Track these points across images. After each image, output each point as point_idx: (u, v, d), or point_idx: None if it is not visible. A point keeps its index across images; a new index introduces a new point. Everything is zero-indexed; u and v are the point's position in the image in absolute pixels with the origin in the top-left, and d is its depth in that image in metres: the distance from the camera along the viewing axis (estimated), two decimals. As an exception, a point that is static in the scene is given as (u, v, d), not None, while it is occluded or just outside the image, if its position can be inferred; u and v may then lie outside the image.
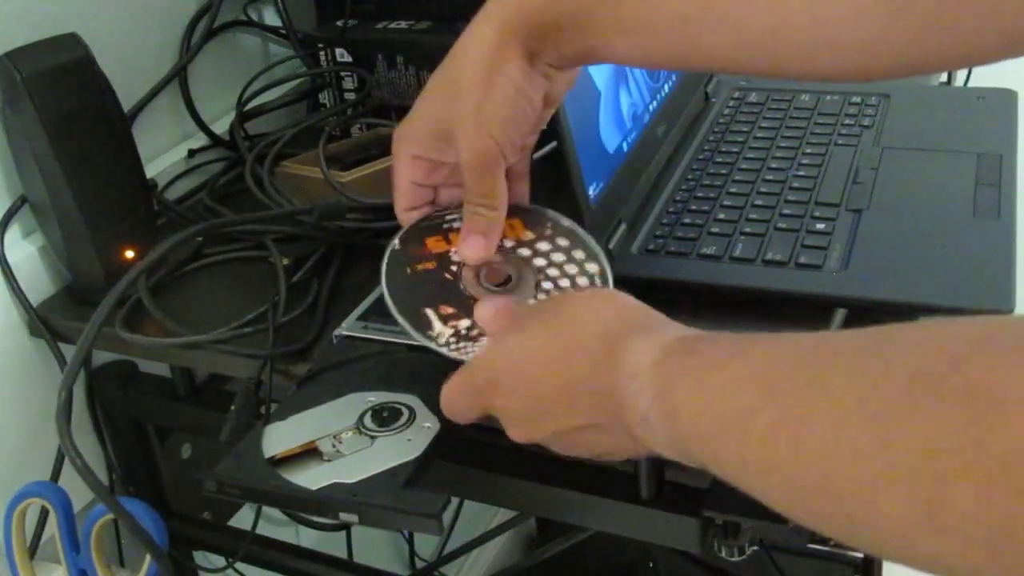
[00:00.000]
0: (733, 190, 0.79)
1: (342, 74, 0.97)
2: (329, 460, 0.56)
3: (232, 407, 0.70)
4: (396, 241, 0.62)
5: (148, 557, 0.72)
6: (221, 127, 0.96)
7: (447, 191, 0.65)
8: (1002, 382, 0.32)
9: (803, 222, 0.74)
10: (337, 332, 0.68)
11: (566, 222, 0.62)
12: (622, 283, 0.70)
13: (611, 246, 0.71)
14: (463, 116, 0.59)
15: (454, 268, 0.60)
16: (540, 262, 0.60)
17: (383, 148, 0.87)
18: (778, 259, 0.70)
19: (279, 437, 0.58)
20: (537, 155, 0.78)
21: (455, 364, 0.55)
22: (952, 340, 0.35)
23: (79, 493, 0.73)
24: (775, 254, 0.70)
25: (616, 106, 0.78)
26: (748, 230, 0.73)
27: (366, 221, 0.79)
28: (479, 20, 0.61)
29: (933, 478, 0.33)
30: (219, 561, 0.92)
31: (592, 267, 0.60)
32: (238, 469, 0.56)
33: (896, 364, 0.36)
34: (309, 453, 0.56)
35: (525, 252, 0.60)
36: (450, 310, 0.58)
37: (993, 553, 0.32)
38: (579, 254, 0.60)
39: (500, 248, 0.60)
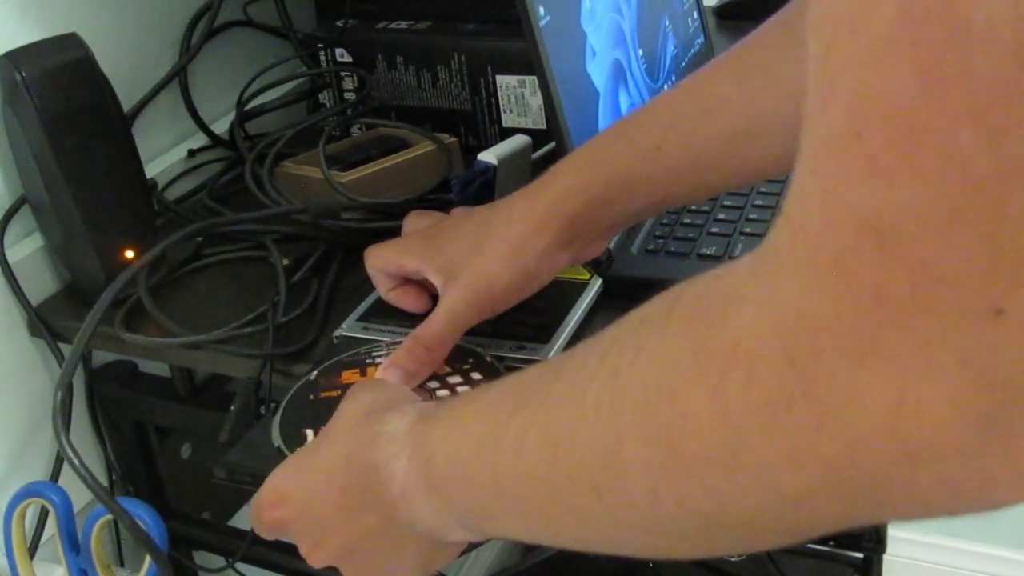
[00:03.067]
0: (733, 190, 0.79)
1: (342, 74, 0.97)
2: None
3: (232, 407, 0.70)
4: (313, 374, 0.63)
5: (148, 557, 0.72)
6: (221, 127, 0.96)
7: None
8: (719, 289, 0.32)
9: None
10: (337, 333, 0.68)
11: (489, 358, 0.62)
12: (622, 283, 0.70)
13: (611, 246, 0.71)
14: (473, 276, 0.61)
15: None
16: (443, 392, 0.60)
17: (383, 148, 0.87)
18: (778, 259, 0.69)
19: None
20: (536, 155, 0.78)
21: None
22: (674, 288, 0.35)
23: (79, 493, 0.73)
24: (775, 254, 0.70)
25: (615, 106, 0.78)
26: (748, 230, 0.73)
27: (366, 221, 0.79)
28: (526, 193, 0.62)
29: (665, 400, 0.33)
30: (219, 561, 0.92)
31: None
32: (249, 456, 0.58)
33: (626, 322, 0.37)
34: None
35: (433, 384, 0.61)
36: None
37: (731, 471, 0.31)
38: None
39: None
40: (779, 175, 0.61)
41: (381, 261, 0.67)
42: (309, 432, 0.58)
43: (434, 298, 0.67)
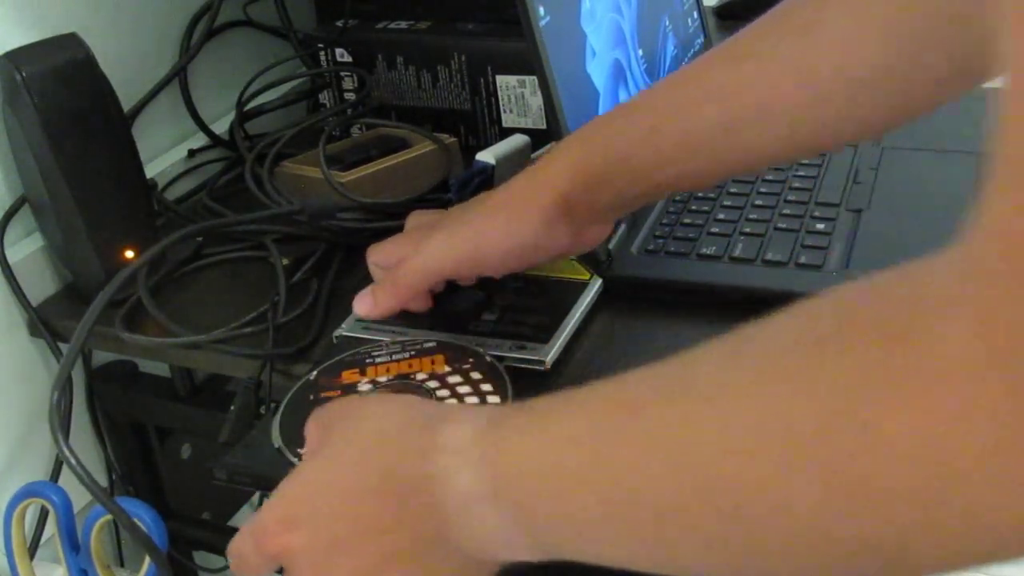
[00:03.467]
0: (733, 190, 0.79)
1: (342, 74, 0.97)
2: None
3: (232, 407, 0.70)
4: (313, 374, 0.63)
5: (148, 557, 0.72)
6: (221, 127, 0.96)
7: None
8: (915, 308, 0.29)
9: (803, 222, 0.74)
10: (337, 333, 0.68)
11: (489, 358, 0.62)
12: (622, 283, 0.70)
13: (611, 246, 0.71)
14: (466, 227, 0.62)
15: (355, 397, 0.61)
16: (443, 392, 0.60)
17: (383, 148, 0.87)
18: (778, 259, 0.70)
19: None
20: (536, 154, 0.78)
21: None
22: (827, 303, 0.32)
23: (79, 493, 0.73)
24: (775, 254, 0.70)
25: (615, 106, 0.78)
26: (748, 230, 0.73)
27: (366, 221, 0.79)
28: (522, 174, 0.63)
29: (855, 430, 0.29)
30: (219, 561, 0.92)
31: (487, 387, 0.60)
32: (249, 457, 0.57)
33: (779, 341, 0.33)
34: None
35: (433, 384, 0.61)
36: None
37: (934, 505, 0.28)
38: (486, 386, 0.60)
39: (411, 380, 0.61)
40: (776, 165, 0.62)
41: (382, 255, 0.67)
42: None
43: (434, 299, 0.68)
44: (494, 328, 0.66)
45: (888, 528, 0.29)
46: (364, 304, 0.65)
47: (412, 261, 0.63)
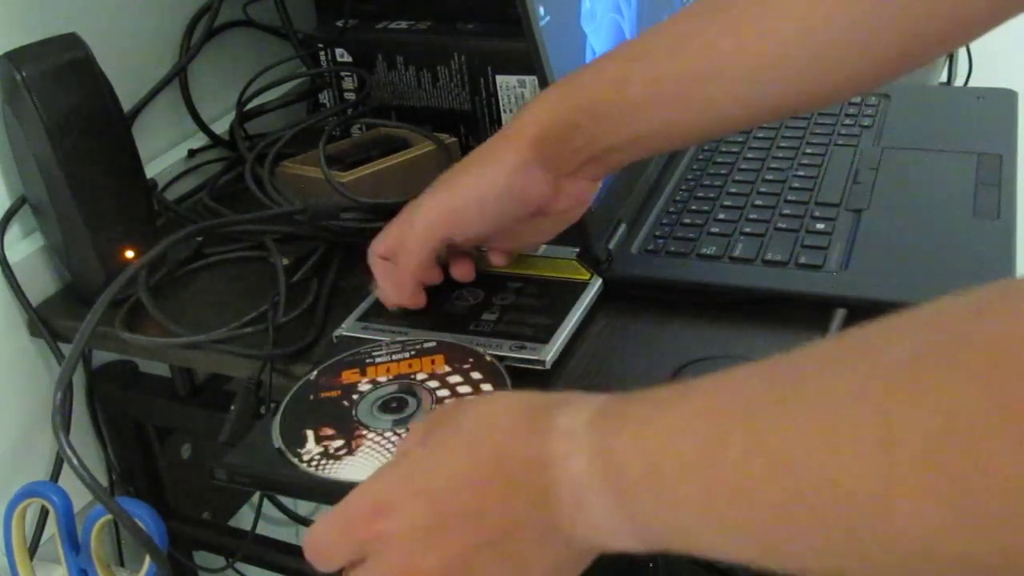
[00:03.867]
0: (733, 190, 0.79)
1: (342, 74, 0.97)
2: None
3: (232, 407, 0.70)
4: (313, 373, 0.63)
5: (148, 557, 0.72)
6: (221, 127, 0.96)
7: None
8: (1015, 342, 0.29)
9: (803, 222, 0.74)
10: (337, 333, 0.68)
11: (489, 357, 0.62)
12: (622, 283, 0.70)
13: (611, 246, 0.71)
14: (442, 183, 0.63)
15: (355, 397, 0.61)
16: (443, 392, 0.60)
17: (383, 148, 0.87)
18: (778, 259, 0.70)
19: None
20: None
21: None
22: (948, 314, 0.32)
23: (79, 493, 0.73)
24: (775, 254, 0.70)
25: (616, 106, 0.78)
26: (748, 230, 0.73)
27: (366, 221, 0.79)
28: (502, 129, 0.64)
29: (958, 452, 0.29)
30: (219, 561, 0.92)
31: (487, 387, 0.60)
32: (249, 458, 0.57)
33: (888, 352, 0.33)
34: None
35: (433, 384, 0.61)
36: (329, 432, 0.58)
37: None
38: (486, 386, 0.60)
39: (411, 380, 0.61)
40: (738, 127, 0.62)
41: (381, 245, 0.68)
42: (309, 433, 0.58)
43: (434, 299, 0.68)
44: (494, 328, 0.66)
45: (992, 551, 0.30)
46: (386, 297, 0.68)
47: (406, 236, 0.65)
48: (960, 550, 0.30)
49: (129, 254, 0.78)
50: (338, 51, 0.96)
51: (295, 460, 0.56)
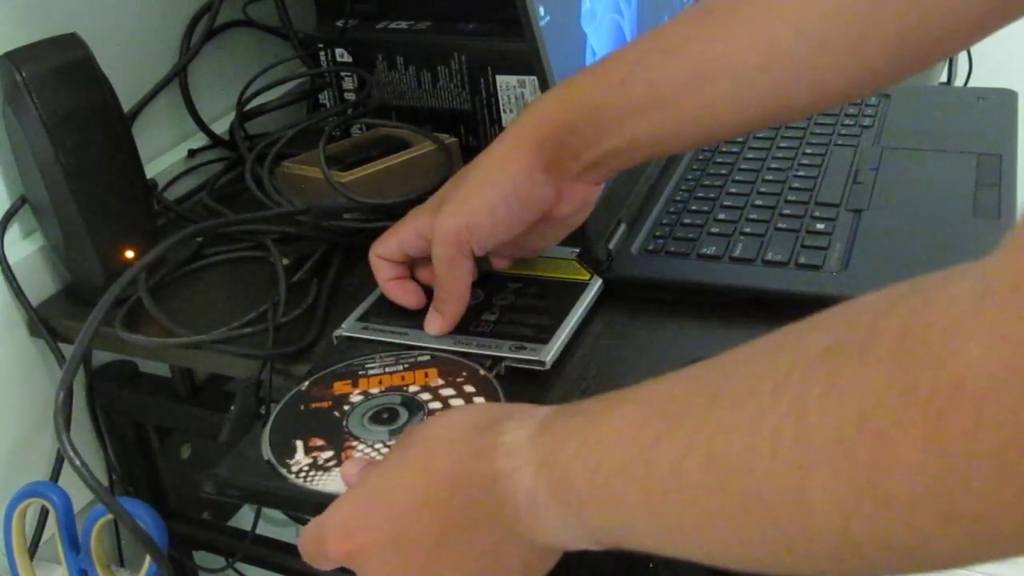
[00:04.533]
0: (733, 190, 0.79)
1: (342, 74, 0.97)
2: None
3: (232, 407, 0.70)
4: (304, 384, 0.63)
5: (148, 557, 0.72)
6: (221, 127, 0.96)
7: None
8: (931, 321, 0.30)
9: (803, 222, 0.74)
10: (337, 333, 0.68)
11: (483, 372, 0.62)
12: (622, 283, 0.70)
13: (611, 246, 0.71)
14: (452, 199, 0.63)
15: (346, 408, 0.61)
16: (435, 405, 0.60)
17: (383, 148, 0.87)
18: (778, 259, 0.70)
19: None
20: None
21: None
22: (858, 310, 0.33)
23: (79, 493, 0.73)
24: (775, 254, 0.70)
25: (616, 106, 0.77)
26: (748, 230, 0.73)
27: (366, 221, 0.79)
28: (502, 134, 0.64)
29: (868, 440, 0.30)
30: (219, 561, 0.92)
31: (479, 400, 0.60)
32: (238, 470, 0.57)
33: (805, 347, 0.34)
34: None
35: (425, 396, 0.61)
36: (319, 442, 0.58)
37: (945, 514, 0.30)
38: (479, 399, 0.60)
39: (403, 392, 0.61)
40: (735, 131, 0.62)
41: (384, 247, 0.68)
42: (299, 443, 0.58)
43: (429, 296, 0.68)
44: (494, 328, 0.66)
45: (904, 530, 0.31)
46: (435, 324, 0.66)
47: (438, 262, 0.64)
48: (877, 536, 0.32)
49: (129, 254, 0.78)
50: (338, 51, 0.97)
51: (284, 471, 0.56)
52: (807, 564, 0.36)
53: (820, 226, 0.73)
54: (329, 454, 0.57)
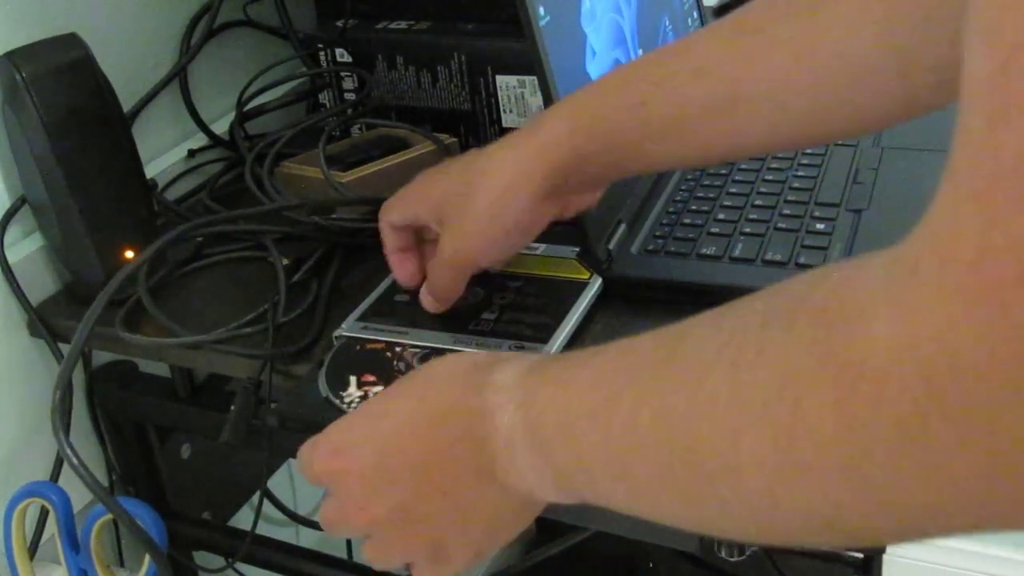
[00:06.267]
0: (733, 190, 0.79)
1: (342, 74, 0.97)
2: None
3: (232, 407, 0.70)
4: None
5: (148, 557, 0.72)
6: (221, 127, 0.96)
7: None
8: (846, 298, 0.31)
9: (803, 222, 0.74)
10: (337, 333, 0.68)
11: None
12: (622, 283, 0.70)
13: (611, 246, 0.71)
14: (464, 226, 0.62)
15: (398, 349, 0.65)
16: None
17: (383, 148, 0.87)
18: (778, 259, 0.70)
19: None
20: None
21: None
22: (797, 283, 0.35)
23: (79, 493, 0.73)
24: (775, 254, 0.70)
25: (616, 106, 0.77)
26: (748, 230, 0.73)
27: (366, 221, 0.79)
28: (508, 144, 0.62)
29: (788, 406, 0.32)
30: (219, 561, 0.92)
31: None
32: (298, 405, 0.62)
33: (748, 315, 0.36)
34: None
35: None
36: (371, 378, 0.62)
37: (853, 482, 0.31)
38: None
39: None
40: (763, 153, 0.61)
41: (389, 211, 0.68)
42: (352, 379, 0.62)
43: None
44: (493, 327, 0.66)
45: (820, 495, 0.32)
46: (428, 304, 0.67)
47: (433, 280, 0.65)
48: (797, 502, 0.33)
49: (129, 254, 0.78)
50: (338, 51, 0.97)
51: (338, 403, 0.61)
52: (740, 527, 0.38)
53: (820, 226, 0.73)
54: (380, 388, 0.61)
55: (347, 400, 0.61)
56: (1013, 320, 0.26)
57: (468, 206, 0.62)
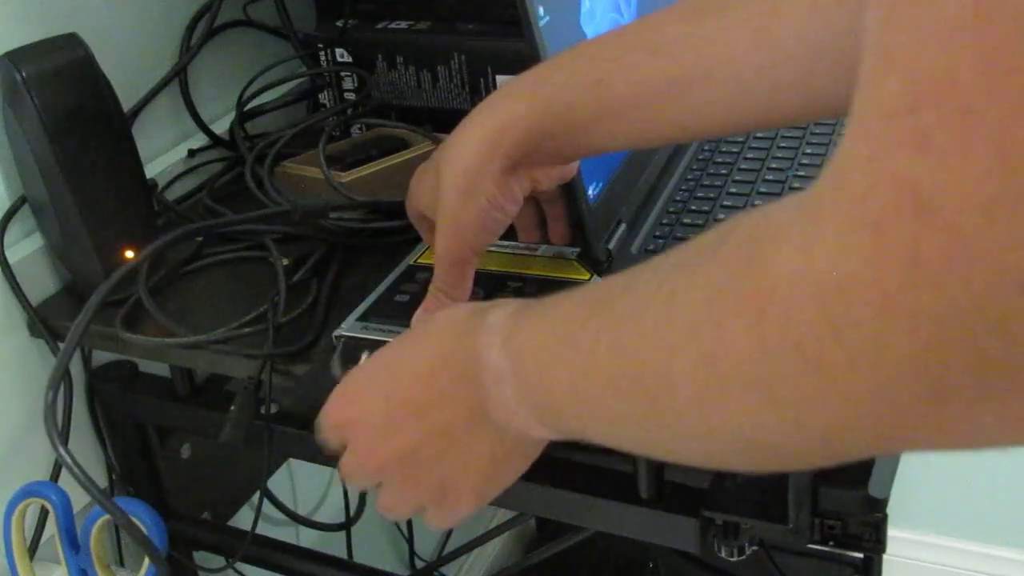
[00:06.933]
0: (733, 190, 0.79)
1: (342, 74, 0.97)
2: None
3: (232, 407, 0.70)
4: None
5: (147, 557, 0.72)
6: (221, 127, 0.96)
7: None
8: (763, 229, 0.34)
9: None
10: (337, 333, 0.68)
11: None
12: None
13: (611, 246, 0.71)
14: (442, 217, 0.61)
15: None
16: None
17: (383, 148, 0.87)
18: (778, 259, 0.69)
19: None
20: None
21: None
22: (731, 218, 0.37)
23: (79, 493, 0.73)
24: (775, 254, 0.70)
25: (616, 106, 0.77)
26: (748, 230, 0.73)
27: (366, 221, 0.79)
28: (470, 123, 0.61)
29: (712, 327, 0.35)
30: (219, 561, 0.92)
31: None
32: (315, 392, 0.62)
33: (688, 249, 0.39)
34: None
35: None
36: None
37: (768, 400, 0.34)
38: None
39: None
40: (718, 135, 0.61)
41: (407, 208, 0.69)
42: (364, 355, 0.62)
43: None
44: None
45: (741, 413, 0.35)
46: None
47: (439, 274, 0.64)
48: (724, 418, 0.36)
49: (129, 254, 0.78)
50: (338, 51, 0.97)
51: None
52: (683, 448, 0.41)
53: (820, 226, 0.73)
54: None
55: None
56: (893, 247, 0.28)
57: (441, 197, 0.62)
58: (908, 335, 0.29)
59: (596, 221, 0.70)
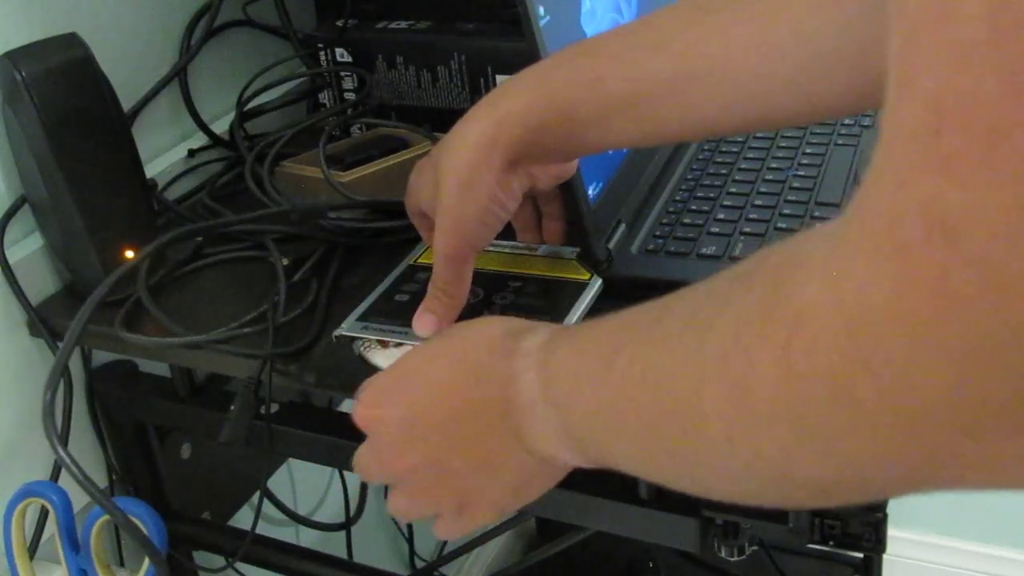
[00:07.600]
0: (733, 190, 0.79)
1: (342, 74, 0.97)
2: None
3: (232, 407, 0.70)
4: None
5: (147, 557, 0.72)
6: (221, 127, 0.96)
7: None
8: (793, 258, 0.34)
9: (803, 222, 0.74)
10: (337, 332, 0.68)
11: None
12: (622, 283, 0.70)
13: (611, 246, 0.71)
14: (441, 213, 0.61)
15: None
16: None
17: (383, 148, 0.87)
18: (778, 259, 0.69)
19: None
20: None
21: None
22: (765, 248, 0.37)
23: (79, 493, 0.73)
24: (775, 254, 0.70)
25: (616, 106, 0.77)
26: (748, 230, 0.73)
27: (366, 220, 0.79)
28: (470, 118, 0.61)
29: (741, 357, 0.34)
30: (219, 561, 0.92)
31: None
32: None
33: (721, 277, 0.39)
34: None
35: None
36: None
37: (797, 430, 0.33)
38: None
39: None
40: (716, 134, 0.61)
41: (407, 207, 0.68)
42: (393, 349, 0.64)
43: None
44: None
45: (771, 443, 0.35)
46: (427, 323, 0.64)
47: (438, 272, 0.64)
48: (752, 450, 0.36)
49: (129, 254, 0.78)
50: (338, 51, 0.97)
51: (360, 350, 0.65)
52: (714, 480, 0.40)
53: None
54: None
55: (364, 345, 0.65)
56: (922, 277, 0.27)
57: (441, 193, 0.62)
58: (939, 366, 0.28)
59: (596, 221, 0.70)
